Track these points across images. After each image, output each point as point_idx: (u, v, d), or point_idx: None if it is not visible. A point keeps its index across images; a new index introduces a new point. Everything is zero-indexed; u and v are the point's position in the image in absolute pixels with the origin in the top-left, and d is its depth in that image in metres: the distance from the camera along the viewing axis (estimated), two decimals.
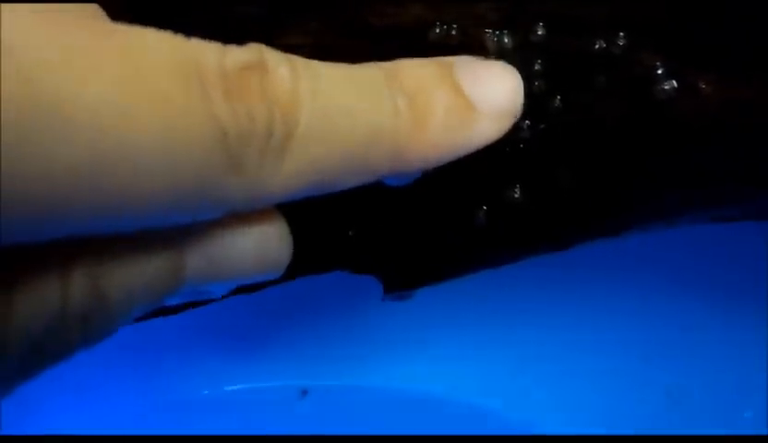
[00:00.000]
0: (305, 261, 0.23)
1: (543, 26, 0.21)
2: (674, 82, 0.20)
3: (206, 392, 0.33)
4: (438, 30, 0.21)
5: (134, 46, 0.13)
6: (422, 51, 0.21)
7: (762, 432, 0.31)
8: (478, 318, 0.33)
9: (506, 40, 0.21)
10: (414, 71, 0.17)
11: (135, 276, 0.14)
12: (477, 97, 0.17)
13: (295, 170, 0.15)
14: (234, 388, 0.34)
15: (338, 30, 0.21)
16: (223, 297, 0.22)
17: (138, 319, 0.18)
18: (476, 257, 0.24)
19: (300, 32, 0.21)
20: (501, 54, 0.21)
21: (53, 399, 0.32)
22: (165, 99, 0.13)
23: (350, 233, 0.23)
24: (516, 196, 0.22)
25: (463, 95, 0.17)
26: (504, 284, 0.31)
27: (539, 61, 0.21)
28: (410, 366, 0.34)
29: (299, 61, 0.15)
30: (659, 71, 0.21)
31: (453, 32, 0.21)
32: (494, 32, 0.21)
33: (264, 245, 0.16)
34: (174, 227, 0.14)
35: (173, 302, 0.16)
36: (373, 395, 0.33)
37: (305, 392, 0.34)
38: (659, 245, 0.30)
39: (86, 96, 0.12)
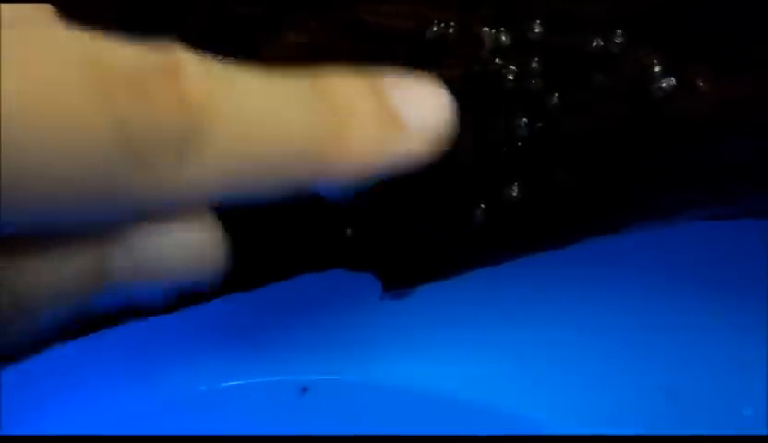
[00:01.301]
0: (303, 260, 0.23)
1: (540, 24, 0.21)
2: (672, 80, 0.20)
3: (205, 388, 0.33)
4: (435, 28, 0.21)
5: (40, 46, 0.13)
6: (419, 49, 0.21)
7: (762, 431, 0.31)
8: (481, 317, 0.33)
9: (503, 37, 0.21)
10: (342, 84, 0.17)
11: (49, 277, 0.14)
12: (405, 115, 0.17)
13: (205, 175, 0.14)
14: (233, 384, 0.34)
15: (336, 30, 0.21)
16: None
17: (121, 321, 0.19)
18: (475, 255, 0.24)
19: (298, 32, 0.21)
20: (498, 52, 0.21)
21: (51, 398, 0.32)
22: (65, 99, 0.13)
23: (348, 231, 0.23)
24: (514, 194, 0.22)
25: (389, 112, 0.17)
26: (506, 283, 0.31)
27: (536, 59, 0.21)
28: (412, 363, 0.34)
29: (216, 65, 0.15)
30: (657, 69, 0.20)
31: (450, 30, 0.21)
32: (491, 30, 0.21)
33: (191, 245, 0.16)
34: (89, 228, 0.14)
35: (102, 304, 0.16)
36: (374, 392, 0.33)
37: (305, 389, 0.34)
38: (659, 243, 0.30)
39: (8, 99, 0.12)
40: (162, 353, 0.33)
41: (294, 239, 0.23)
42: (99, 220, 0.14)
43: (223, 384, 0.34)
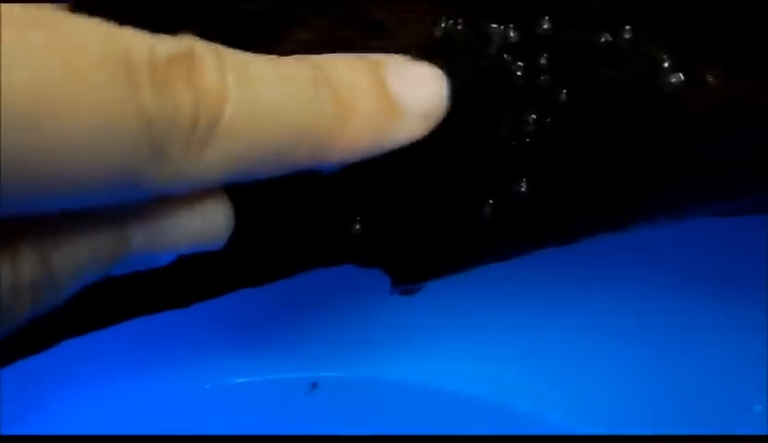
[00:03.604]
0: (312, 255, 0.24)
1: (548, 19, 0.21)
2: (680, 75, 0.20)
3: (213, 385, 0.34)
4: (443, 25, 0.21)
5: (63, 35, 0.13)
6: (427, 46, 0.21)
7: None
8: (493, 315, 0.33)
9: (511, 34, 0.21)
10: (343, 69, 0.17)
11: (81, 248, 0.15)
12: (403, 98, 0.18)
13: (218, 159, 0.15)
14: (242, 381, 0.34)
15: (344, 26, 0.21)
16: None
17: (136, 313, 0.19)
18: (483, 250, 0.24)
19: (306, 28, 0.21)
20: (507, 48, 0.21)
21: (56, 394, 0.33)
22: (92, 87, 0.13)
23: (356, 227, 0.23)
24: (522, 190, 0.22)
25: (388, 96, 0.18)
26: (517, 283, 0.31)
27: (545, 55, 0.21)
28: (422, 361, 0.34)
29: (228, 53, 0.15)
30: (665, 64, 0.20)
31: (459, 27, 0.21)
32: (499, 27, 0.21)
33: (203, 219, 0.17)
34: (113, 206, 0.15)
35: (119, 271, 0.17)
36: (384, 389, 0.33)
37: (314, 385, 0.34)
38: (671, 242, 0.29)
39: (10, 85, 0.12)
40: (169, 350, 0.33)
41: (303, 234, 0.23)
42: (116, 200, 0.15)
43: (232, 381, 0.34)
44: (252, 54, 0.16)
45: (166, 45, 0.14)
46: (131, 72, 0.13)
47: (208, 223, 0.17)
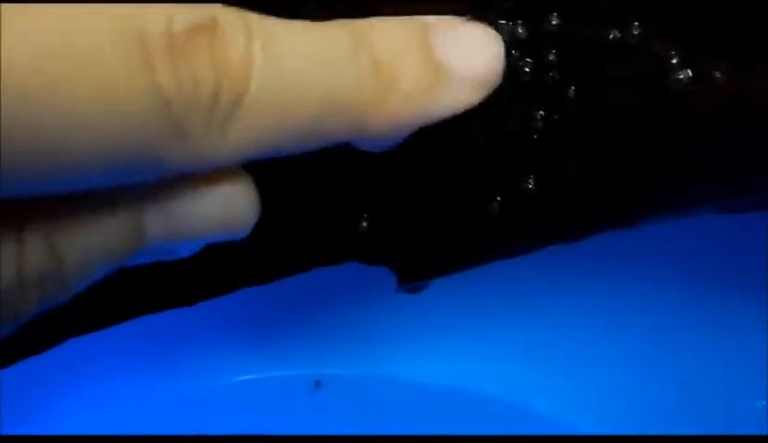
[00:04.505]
0: (317, 253, 0.23)
1: (557, 16, 0.21)
2: (689, 72, 0.20)
3: (217, 383, 0.34)
4: None
5: (67, 10, 0.12)
6: None
7: None
8: (496, 312, 0.33)
9: (519, 30, 0.21)
10: (386, 32, 0.16)
11: (91, 235, 0.14)
12: (452, 62, 0.16)
13: (243, 138, 0.14)
14: (246, 378, 0.34)
15: None
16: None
17: (140, 312, 0.18)
18: (490, 247, 0.24)
19: None
20: (515, 45, 0.21)
21: (60, 393, 0.33)
22: (99, 65, 0.12)
23: (363, 224, 0.23)
24: (530, 187, 0.22)
25: (435, 60, 0.16)
26: (521, 279, 0.31)
27: (553, 51, 0.21)
28: (426, 358, 0.34)
29: (255, 20, 0.14)
30: (674, 61, 0.20)
31: None
32: (507, 23, 0.21)
33: (227, 204, 0.15)
34: (129, 186, 0.14)
35: (136, 262, 0.16)
36: (388, 387, 0.33)
37: (318, 383, 0.34)
38: (675, 239, 0.29)
39: (10, 66, 0.11)
40: (173, 347, 0.33)
41: (310, 231, 0.23)
42: (132, 181, 0.14)
43: (235, 378, 0.34)
44: (284, 21, 0.15)
45: (185, 15, 0.13)
46: (146, 48, 0.13)
47: (231, 207, 0.15)
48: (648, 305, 0.33)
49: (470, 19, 0.17)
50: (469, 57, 0.17)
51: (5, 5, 0.12)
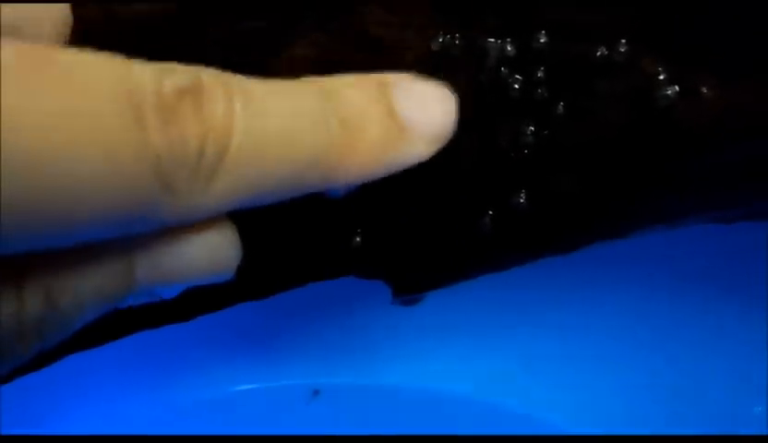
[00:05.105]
0: (312, 269, 0.24)
1: (545, 33, 0.21)
2: (675, 88, 0.21)
3: (215, 393, 0.34)
4: (441, 40, 0.21)
5: (72, 73, 0.13)
6: (425, 60, 0.21)
7: None
8: (491, 319, 0.33)
9: (508, 48, 0.21)
10: (351, 91, 0.17)
11: (85, 284, 0.15)
12: (411, 119, 0.18)
13: (226, 190, 0.15)
14: (244, 388, 0.34)
15: (342, 41, 0.21)
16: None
17: (137, 328, 0.20)
18: (483, 261, 0.24)
19: (305, 44, 0.21)
20: (504, 62, 0.21)
21: (58, 404, 0.33)
22: (102, 127, 0.13)
23: (356, 239, 0.23)
24: (521, 201, 0.22)
25: (397, 117, 0.17)
26: (516, 287, 0.31)
27: (542, 68, 0.21)
28: (424, 366, 0.34)
29: (235, 82, 0.15)
30: (661, 77, 0.21)
31: (456, 42, 0.21)
32: (496, 41, 0.21)
33: (212, 250, 0.16)
34: (119, 238, 0.15)
35: (126, 304, 0.16)
36: (386, 395, 0.33)
37: (316, 392, 0.34)
38: (667, 245, 0.30)
39: (20, 127, 0.12)
40: (172, 357, 0.33)
41: (305, 248, 0.23)
42: (123, 233, 0.15)
43: (233, 388, 0.34)
44: (259, 81, 0.16)
45: (173, 78, 0.14)
46: (139, 111, 0.13)
47: (215, 253, 0.17)
48: (642, 310, 0.33)
49: (422, 75, 0.18)
50: (425, 114, 0.18)
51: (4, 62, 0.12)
